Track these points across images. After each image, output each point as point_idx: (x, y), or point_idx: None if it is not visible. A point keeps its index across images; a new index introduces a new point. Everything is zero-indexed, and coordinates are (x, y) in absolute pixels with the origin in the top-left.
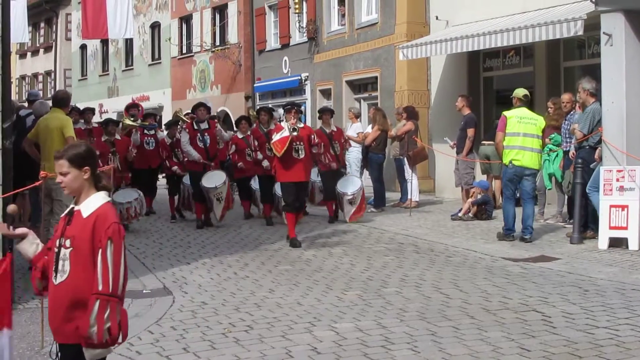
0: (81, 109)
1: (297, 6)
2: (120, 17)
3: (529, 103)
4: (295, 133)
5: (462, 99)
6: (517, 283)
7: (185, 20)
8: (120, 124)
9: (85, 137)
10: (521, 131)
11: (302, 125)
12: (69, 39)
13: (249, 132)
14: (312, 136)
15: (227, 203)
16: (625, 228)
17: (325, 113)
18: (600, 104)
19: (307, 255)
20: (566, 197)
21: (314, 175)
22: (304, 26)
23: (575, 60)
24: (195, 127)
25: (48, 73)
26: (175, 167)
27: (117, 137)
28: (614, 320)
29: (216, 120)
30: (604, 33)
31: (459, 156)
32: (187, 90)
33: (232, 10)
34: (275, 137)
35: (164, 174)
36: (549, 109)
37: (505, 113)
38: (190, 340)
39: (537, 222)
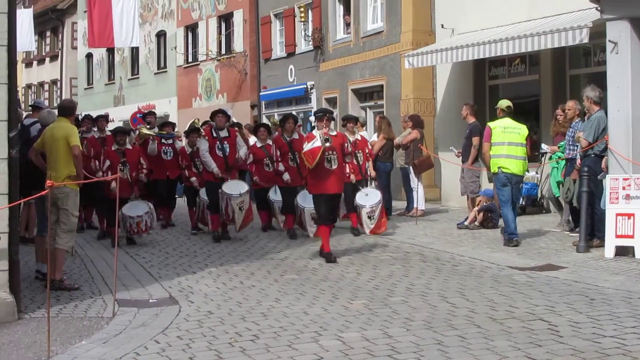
0: (94, 116)
1: (302, 15)
2: (126, 25)
3: (512, 113)
4: (328, 144)
5: (467, 108)
6: (524, 292)
7: (191, 28)
8: (137, 132)
9: (98, 146)
10: (506, 140)
11: (334, 133)
12: (75, 48)
13: (268, 141)
14: (346, 145)
15: (248, 214)
16: (632, 237)
17: (350, 121)
18: (606, 112)
19: (313, 265)
20: (568, 205)
21: None
22: (310, 35)
23: (581, 68)
24: (214, 134)
25: (54, 82)
26: (193, 179)
27: (128, 146)
28: (620, 329)
29: (237, 129)
30: (609, 41)
31: (465, 165)
32: (193, 99)
33: (238, 19)
34: (307, 146)
35: (182, 184)
36: (558, 116)
37: (490, 124)
38: (196, 349)
39: (553, 231)
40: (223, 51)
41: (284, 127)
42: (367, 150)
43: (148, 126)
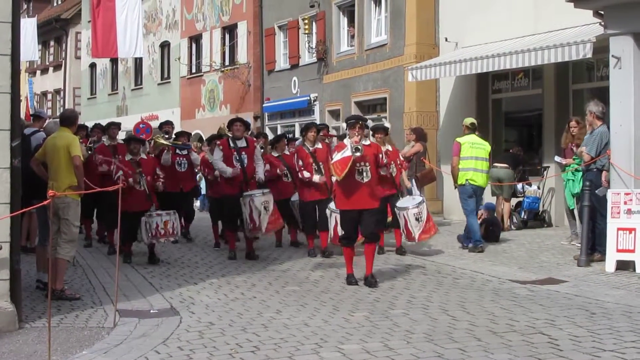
0: (104, 125)
1: (306, 27)
2: (130, 36)
3: (476, 129)
4: (358, 154)
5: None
6: (524, 305)
7: (195, 39)
8: (153, 142)
9: (109, 153)
10: (473, 155)
11: (367, 142)
12: (78, 58)
13: (286, 151)
14: (380, 155)
15: (277, 217)
16: (633, 251)
17: (379, 131)
18: (608, 127)
19: (315, 277)
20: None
21: None
22: (314, 47)
23: (584, 82)
24: (232, 144)
25: (57, 91)
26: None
27: (143, 156)
28: (620, 344)
29: (255, 139)
30: (612, 56)
31: None
32: (196, 110)
33: (242, 30)
34: (336, 156)
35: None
36: (573, 129)
37: (459, 140)
38: None
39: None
40: (227, 62)
41: (305, 136)
42: (399, 162)
43: (166, 136)
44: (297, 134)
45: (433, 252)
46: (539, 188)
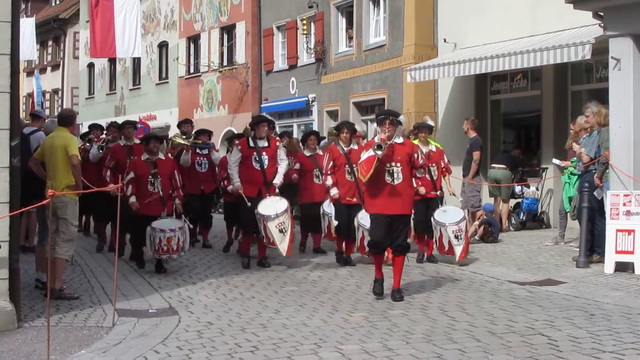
0: (120, 122)
1: (305, 27)
2: (129, 36)
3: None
4: (380, 152)
5: (467, 122)
6: (523, 306)
7: (193, 40)
8: (170, 142)
9: (124, 154)
10: None
11: (400, 140)
12: (76, 58)
13: (318, 151)
14: (415, 155)
15: (292, 235)
16: (632, 252)
17: (423, 129)
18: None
19: (313, 277)
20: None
21: None
22: (312, 47)
23: (583, 84)
24: (252, 144)
25: (55, 91)
26: (231, 187)
27: (161, 156)
28: (620, 345)
29: (278, 139)
30: (612, 57)
31: (465, 179)
32: (194, 110)
33: (240, 31)
34: (363, 156)
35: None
36: (571, 131)
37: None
38: None
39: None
40: (225, 63)
41: (338, 136)
42: (442, 165)
43: (184, 135)
44: (295, 134)
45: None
46: (537, 189)
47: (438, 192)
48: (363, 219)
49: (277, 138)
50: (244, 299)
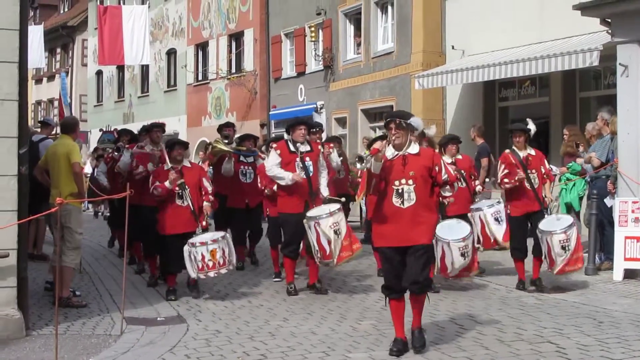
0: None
1: (313, 34)
2: (137, 43)
3: None
4: (367, 165)
5: (474, 129)
6: (532, 314)
7: (202, 47)
8: (210, 148)
9: (148, 162)
10: None
11: (416, 149)
12: (85, 65)
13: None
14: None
15: (353, 241)
16: None
17: (517, 134)
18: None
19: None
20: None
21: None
22: (320, 54)
23: (591, 90)
24: (292, 148)
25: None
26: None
27: (186, 163)
28: (629, 352)
29: (326, 144)
30: (620, 64)
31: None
32: (202, 117)
33: (248, 38)
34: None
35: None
36: (564, 136)
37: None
38: None
39: None
40: (233, 70)
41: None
42: (543, 171)
43: (225, 140)
44: None
45: None
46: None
47: (545, 204)
48: (439, 231)
49: (328, 143)
50: (252, 307)
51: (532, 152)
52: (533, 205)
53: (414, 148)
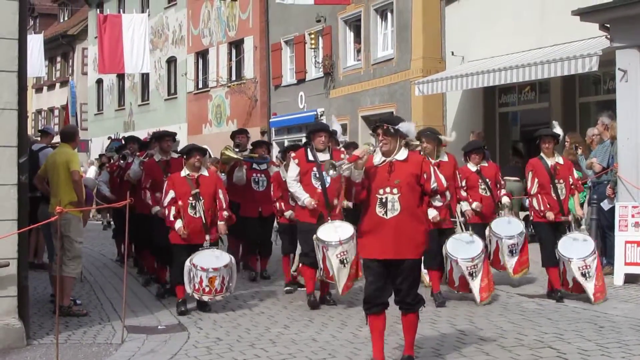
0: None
1: (313, 42)
2: (137, 51)
3: None
4: (344, 172)
5: (473, 135)
6: (533, 319)
7: (202, 55)
8: (221, 156)
9: (160, 172)
10: None
11: (404, 155)
12: (85, 74)
13: None
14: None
15: (356, 269)
16: None
17: (546, 140)
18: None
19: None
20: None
21: None
22: (320, 61)
23: (590, 96)
24: (310, 157)
25: (64, 107)
26: (289, 212)
27: (204, 172)
28: (629, 357)
29: (342, 150)
30: (619, 69)
31: None
32: (203, 125)
33: (248, 46)
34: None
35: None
36: (566, 143)
37: None
38: None
39: None
40: (233, 77)
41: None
42: (571, 181)
43: (237, 149)
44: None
45: None
46: None
47: (569, 217)
48: (449, 246)
49: (342, 149)
50: (252, 315)
51: (560, 160)
52: (557, 216)
53: (402, 154)
